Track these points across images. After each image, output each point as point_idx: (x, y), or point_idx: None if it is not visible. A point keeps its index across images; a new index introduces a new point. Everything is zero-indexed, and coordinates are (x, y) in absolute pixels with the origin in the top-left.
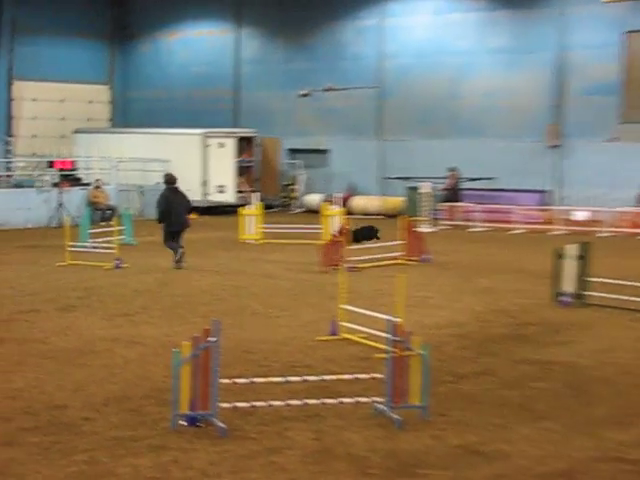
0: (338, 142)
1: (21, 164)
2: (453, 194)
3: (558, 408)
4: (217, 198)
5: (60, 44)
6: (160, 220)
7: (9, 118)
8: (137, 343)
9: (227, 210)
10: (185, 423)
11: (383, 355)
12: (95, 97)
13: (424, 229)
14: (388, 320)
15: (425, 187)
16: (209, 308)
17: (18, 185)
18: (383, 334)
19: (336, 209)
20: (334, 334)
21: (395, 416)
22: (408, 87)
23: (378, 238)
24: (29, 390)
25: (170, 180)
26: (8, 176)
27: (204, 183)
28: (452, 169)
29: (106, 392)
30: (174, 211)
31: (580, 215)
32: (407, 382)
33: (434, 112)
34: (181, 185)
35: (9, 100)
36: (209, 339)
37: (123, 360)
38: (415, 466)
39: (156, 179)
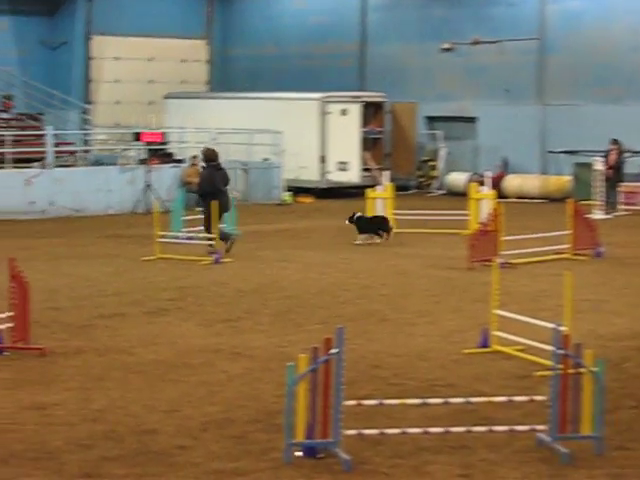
0: (488, 108)
1: (101, 137)
2: (616, 173)
3: None
4: (338, 177)
5: None
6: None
7: (87, 81)
8: (242, 355)
9: (350, 192)
10: (301, 454)
11: (546, 372)
12: (190, 55)
13: (597, 216)
14: (553, 329)
15: (598, 163)
16: (329, 313)
17: (97, 162)
18: (546, 346)
19: (486, 191)
20: (484, 346)
21: (561, 449)
22: (576, 39)
23: (382, 234)
24: (113, 411)
25: (210, 157)
26: (86, 152)
27: (322, 159)
28: (615, 141)
29: (204, 415)
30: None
31: None
32: (577, 407)
33: (611, 69)
34: (294, 161)
35: (87, 59)
36: (331, 351)
37: (225, 376)
38: None
39: (264, 154)
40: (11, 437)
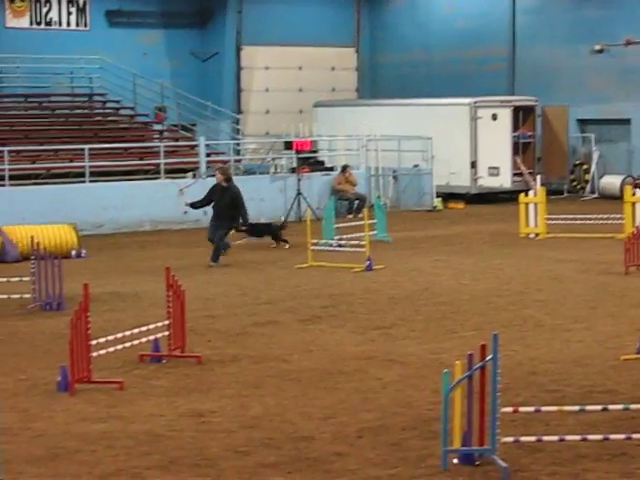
0: None
1: (252, 146)
2: None
3: None
4: (489, 183)
5: (296, 1)
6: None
7: (238, 91)
8: (395, 362)
9: (501, 197)
10: (457, 461)
11: None
12: (339, 63)
13: None
14: None
15: None
16: (483, 319)
17: (249, 171)
18: None
19: None
20: None
21: None
22: None
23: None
24: (269, 418)
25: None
26: (237, 161)
27: (473, 165)
28: None
29: (360, 422)
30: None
31: None
32: None
33: None
34: (444, 167)
35: (238, 70)
36: (486, 357)
37: (379, 383)
38: None
39: (414, 161)
40: (170, 444)
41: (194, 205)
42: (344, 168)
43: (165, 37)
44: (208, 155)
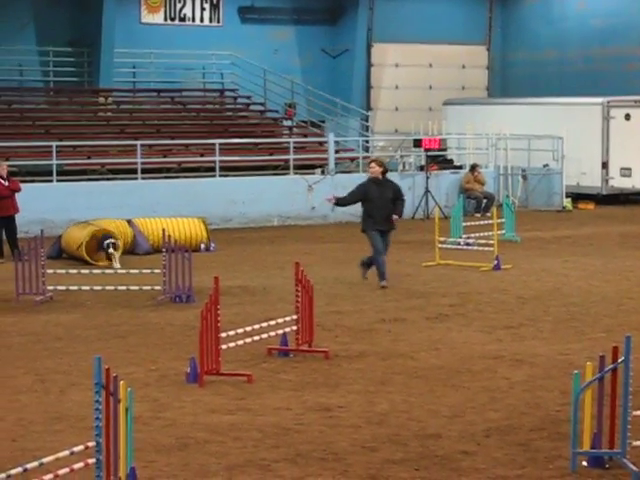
0: None
1: (381, 143)
2: None
3: None
4: (621, 183)
5: None
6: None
7: (368, 88)
8: (524, 362)
9: (633, 198)
10: (587, 463)
11: None
12: (469, 61)
13: None
14: None
15: None
16: (614, 321)
17: None
18: None
19: None
20: None
21: None
22: None
23: None
24: (396, 415)
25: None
26: (365, 158)
27: (604, 165)
28: None
29: (487, 421)
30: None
31: None
32: None
33: None
34: (575, 167)
35: (368, 66)
36: (618, 359)
37: (507, 382)
38: None
39: (544, 160)
40: (298, 437)
41: (341, 202)
42: (473, 167)
43: (296, 33)
44: (337, 152)
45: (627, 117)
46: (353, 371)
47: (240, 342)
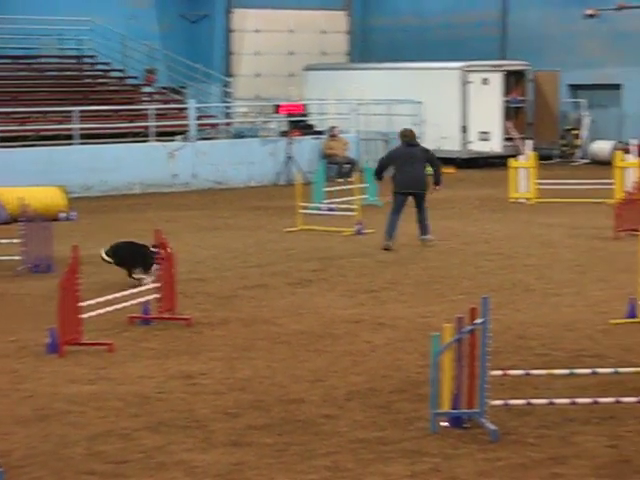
0: (633, 74)
1: (242, 109)
2: None
3: None
4: (480, 147)
5: None
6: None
7: (228, 54)
8: (385, 325)
9: (492, 162)
10: (447, 424)
11: None
12: (330, 26)
13: None
14: None
15: None
16: (473, 283)
17: (239, 135)
18: None
19: (631, 159)
20: (632, 316)
21: None
22: None
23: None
24: (259, 381)
25: (406, 136)
26: (227, 124)
27: (464, 129)
28: None
29: (349, 384)
30: (402, 167)
31: None
32: None
33: None
34: (435, 132)
35: (228, 32)
36: (476, 321)
37: (368, 346)
38: None
39: (404, 125)
40: (160, 406)
41: (379, 174)
42: (331, 131)
43: None
44: (198, 118)
45: (485, 82)
46: (215, 338)
47: (101, 311)
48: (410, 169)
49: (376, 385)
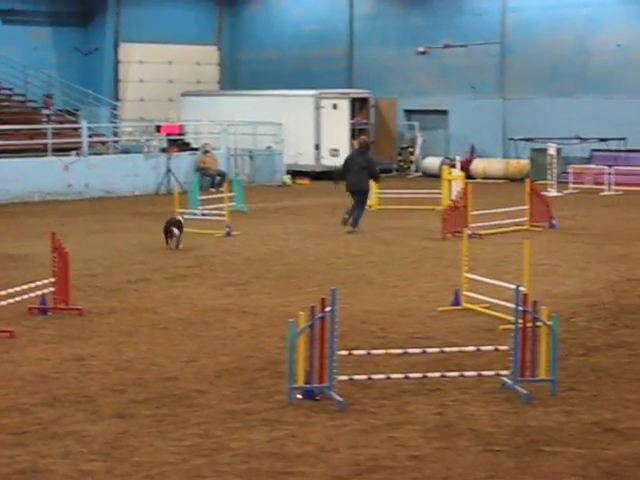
0: (458, 102)
1: (128, 129)
2: None
3: None
4: (330, 162)
5: (167, 4)
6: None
7: (116, 82)
8: (250, 313)
9: None
10: (301, 396)
11: (508, 326)
12: (203, 59)
13: (551, 193)
14: (514, 289)
15: (552, 148)
16: (324, 277)
17: (125, 151)
18: (508, 304)
19: (456, 173)
20: (456, 304)
21: (522, 390)
22: (532, 42)
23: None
24: (140, 361)
25: (360, 144)
26: (115, 141)
27: (317, 147)
28: None
29: (218, 364)
30: (350, 172)
31: None
32: (534, 355)
33: (560, 68)
34: (293, 149)
35: (116, 63)
36: (325, 309)
37: (235, 331)
38: (544, 443)
39: (267, 143)
40: (55, 384)
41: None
42: (204, 146)
43: (52, 34)
44: (90, 136)
45: (334, 107)
46: (104, 325)
47: (3, 303)
48: (352, 173)
49: (242, 364)
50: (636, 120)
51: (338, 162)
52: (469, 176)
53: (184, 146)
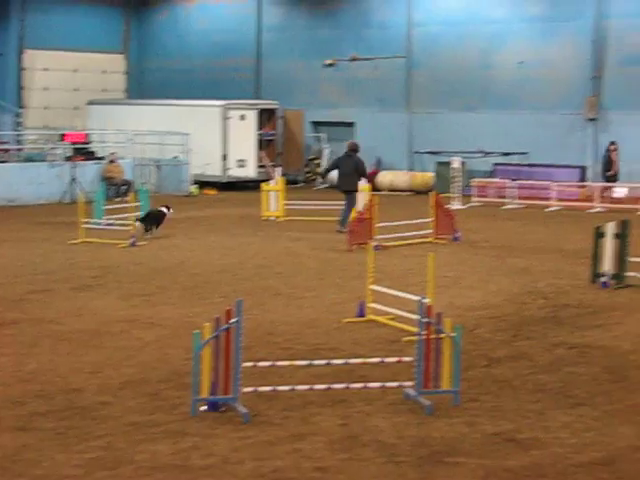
0: (364, 114)
1: (32, 137)
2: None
3: (597, 394)
4: (238, 173)
5: (73, 11)
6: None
7: (20, 89)
8: (155, 324)
9: (248, 185)
10: (206, 408)
11: (412, 338)
12: (109, 67)
13: (455, 206)
14: (418, 301)
15: (456, 162)
16: (230, 288)
17: (29, 159)
18: (412, 316)
19: (363, 185)
20: (361, 316)
21: (425, 401)
22: (437, 57)
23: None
24: (43, 373)
25: (349, 147)
26: (19, 150)
27: (224, 157)
28: (612, 142)
29: (123, 375)
30: (340, 173)
31: (620, 192)
32: (438, 366)
33: (465, 83)
34: (200, 159)
35: (20, 70)
36: (231, 320)
37: (140, 342)
38: (447, 454)
39: (174, 153)
40: None
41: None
42: (110, 155)
43: None
44: None
45: (242, 117)
46: (6, 336)
47: None
48: (343, 174)
49: (146, 376)
50: (538, 135)
51: (245, 173)
52: (375, 188)
53: (89, 155)
